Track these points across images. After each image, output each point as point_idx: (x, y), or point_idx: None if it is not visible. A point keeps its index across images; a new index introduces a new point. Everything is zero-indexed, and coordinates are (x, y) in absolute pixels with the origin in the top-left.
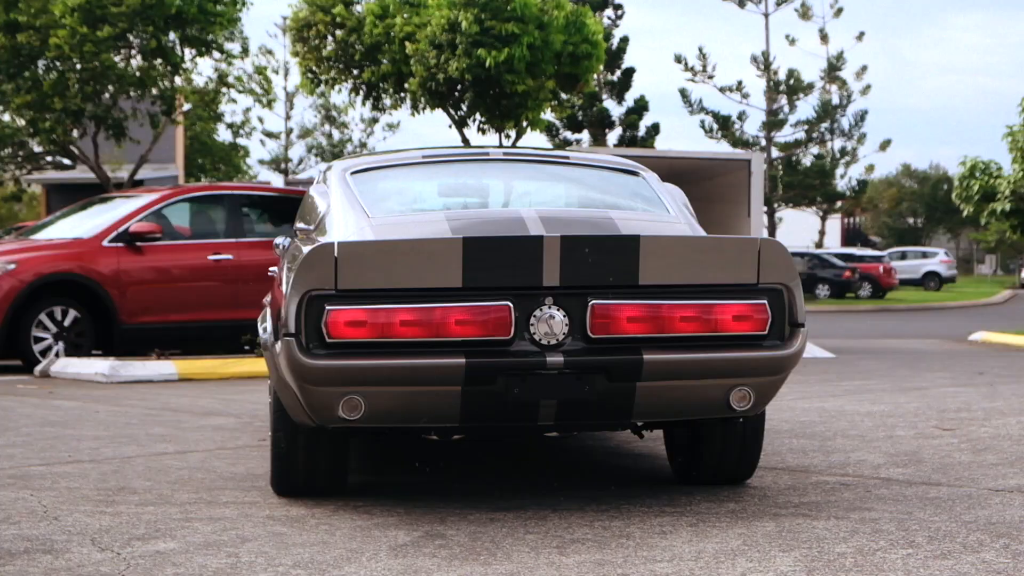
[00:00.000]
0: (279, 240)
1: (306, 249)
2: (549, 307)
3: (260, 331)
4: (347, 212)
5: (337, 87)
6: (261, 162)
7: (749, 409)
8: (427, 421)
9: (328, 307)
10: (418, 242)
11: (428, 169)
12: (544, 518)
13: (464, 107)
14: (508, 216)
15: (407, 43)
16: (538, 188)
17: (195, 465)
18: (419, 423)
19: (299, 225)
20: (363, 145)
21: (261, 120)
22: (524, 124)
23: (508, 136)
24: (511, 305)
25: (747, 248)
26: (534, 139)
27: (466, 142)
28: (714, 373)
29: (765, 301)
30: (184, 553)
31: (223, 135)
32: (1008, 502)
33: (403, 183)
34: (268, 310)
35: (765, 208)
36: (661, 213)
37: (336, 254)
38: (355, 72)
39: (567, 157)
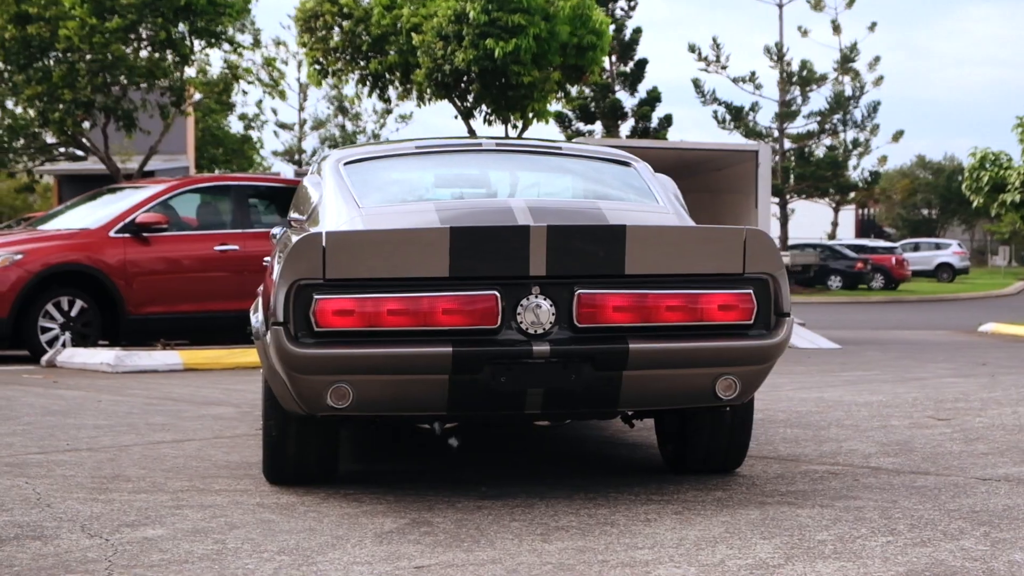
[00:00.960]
0: (275, 230)
1: (295, 239)
2: (536, 296)
3: (252, 320)
4: (338, 202)
5: (344, 78)
6: (275, 153)
7: (735, 398)
8: (414, 410)
9: (316, 296)
10: (406, 232)
11: (421, 160)
12: (531, 506)
13: (470, 98)
14: (497, 206)
15: (414, 34)
16: (529, 178)
17: (191, 454)
18: (407, 412)
19: (293, 215)
20: (376, 136)
21: (275, 112)
22: (530, 115)
23: (514, 127)
24: (498, 294)
25: (733, 238)
26: (542, 130)
27: (472, 133)
28: (700, 362)
29: (751, 291)
30: (172, 539)
31: (235, 127)
32: (994, 491)
33: (395, 174)
34: (260, 299)
35: (777, 199)
36: (650, 203)
37: (324, 244)
38: (362, 63)
39: (559, 148)
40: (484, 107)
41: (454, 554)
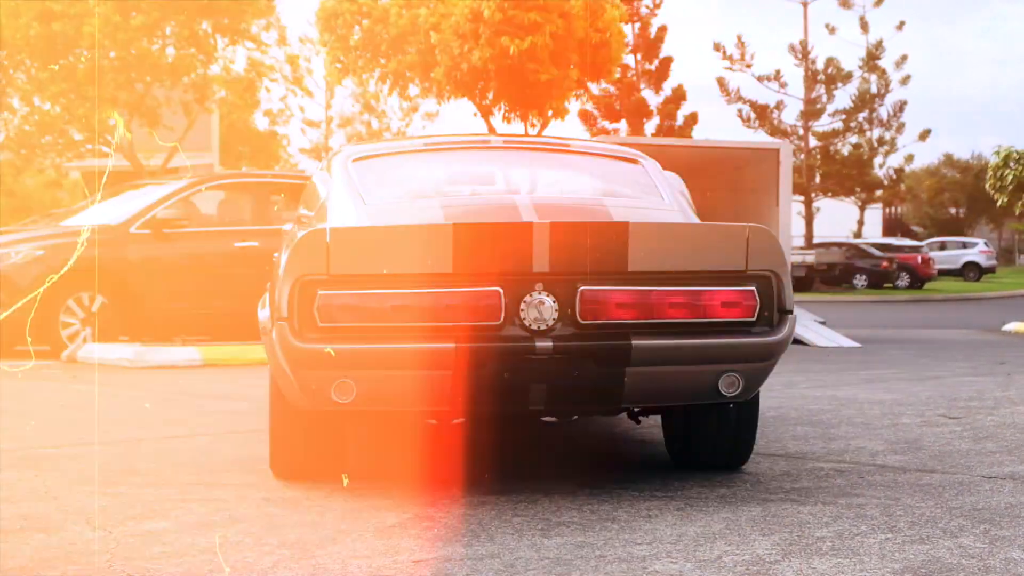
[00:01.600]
0: (286, 226)
1: (300, 234)
2: (539, 293)
3: (259, 315)
4: (345, 198)
5: (364, 76)
6: (302, 150)
7: (739, 395)
8: (418, 405)
9: (320, 292)
10: (409, 228)
11: (428, 157)
12: (534, 502)
13: (490, 96)
14: (502, 203)
15: (432, 32)
16: (536, 175)
17: (202, 448)
18: (410, 407)
19: (301, 211)
20: (402, 134)
21: (302, 109)
22: (549, 113)
23: (534, 125)
24: (501, 291)
25: (736, 235)
26: (561, 128)
27: (492, 131)
28: (703, 359)
29: (753, 288)
30: (175, 532)
31: (261, 123)
32: (998, 489)
33: (403, 170)
34: (268, 295)
35: (802, 198)
36: (656, 200)
37: (328, 239)
38: (382, 61)
39: (567, 145)
40: (503, 105)
41: (453, 548)
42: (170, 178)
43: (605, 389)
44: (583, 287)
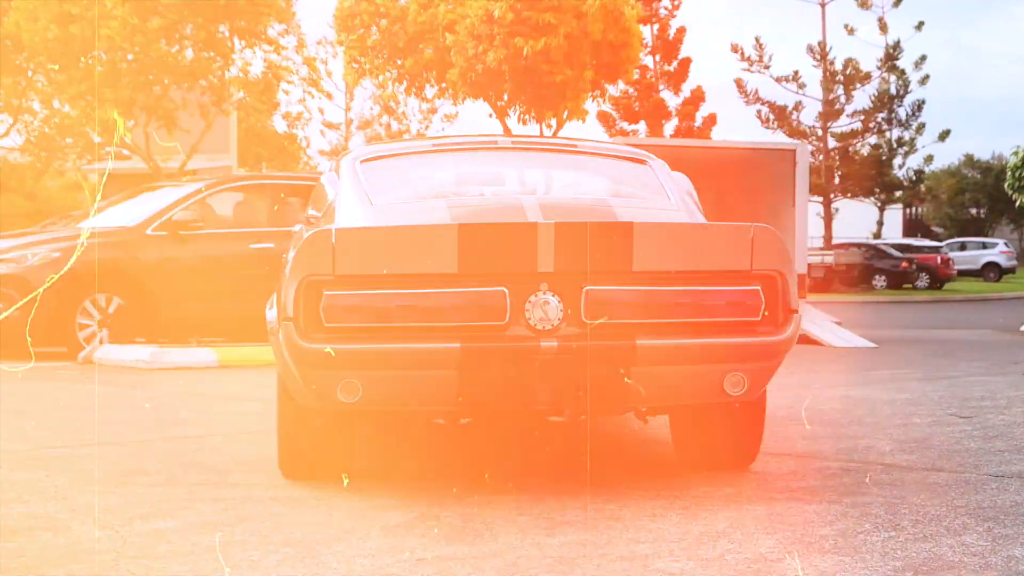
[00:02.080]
0: (296, 227)
1: (306, 235)
2: (544, 293)
3: (267, 315)
4: (352, 199)
5: (381, 76)
6: (322, 152)
7: (744, 394)
8: (424, 405)
9: (326, 292)
10: (414, 228)
11: (436, 158)
12: (540, 501)
13: (505, 97)
14: (508, 203)
15: (447, 34)
16: (543, 176)
17: (212, 448)
18: (416, 407)
19: (310, 212)
20: (420, 135)
21: (322, 111)
22: (565, 114)
23: (549, 126)
24: (506, 291)
25: (740, 235)
26: (578, 129)
27: (508, 132)
28: (708, 358)
29: (758, 287)
30: (181, 531)
31: (280, 125)
32: (1004, 487)
33: (410, 172)
34: (275, 295)
35: (821, 198)
36: (662, 201)
37: (334, 240)
38: (399, 62)
39: (575, 146)
40: (518, 106)
41: (457, 547)
42: (187, 180)
43: (610, 389)
44: (588, 287)
